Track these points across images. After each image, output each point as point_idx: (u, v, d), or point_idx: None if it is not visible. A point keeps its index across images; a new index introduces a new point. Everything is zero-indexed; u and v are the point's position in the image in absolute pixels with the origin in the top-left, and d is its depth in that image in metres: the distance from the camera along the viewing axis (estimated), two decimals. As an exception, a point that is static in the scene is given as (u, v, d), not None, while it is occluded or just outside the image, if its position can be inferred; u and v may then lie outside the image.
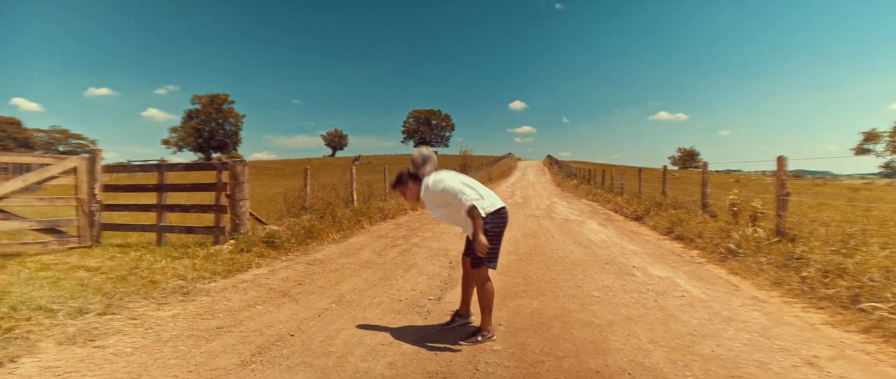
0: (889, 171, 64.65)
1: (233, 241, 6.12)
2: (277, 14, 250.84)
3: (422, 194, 3.19)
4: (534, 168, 51.05)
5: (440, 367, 2.83)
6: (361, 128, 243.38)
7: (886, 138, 65.47)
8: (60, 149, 62.66)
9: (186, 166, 7.11)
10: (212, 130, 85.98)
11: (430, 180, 3.13)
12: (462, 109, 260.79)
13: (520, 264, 5.66)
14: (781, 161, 6.09)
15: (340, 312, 3.83)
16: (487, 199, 3.10)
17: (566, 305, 4.03)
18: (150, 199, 6.89)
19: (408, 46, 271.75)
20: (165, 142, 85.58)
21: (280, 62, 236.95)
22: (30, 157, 7.05)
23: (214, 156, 79.99)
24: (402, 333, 3.37)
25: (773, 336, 3.29)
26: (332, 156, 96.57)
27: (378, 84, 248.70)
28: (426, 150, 3.26)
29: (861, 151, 66.88)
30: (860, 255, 4.55)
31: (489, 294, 3.17)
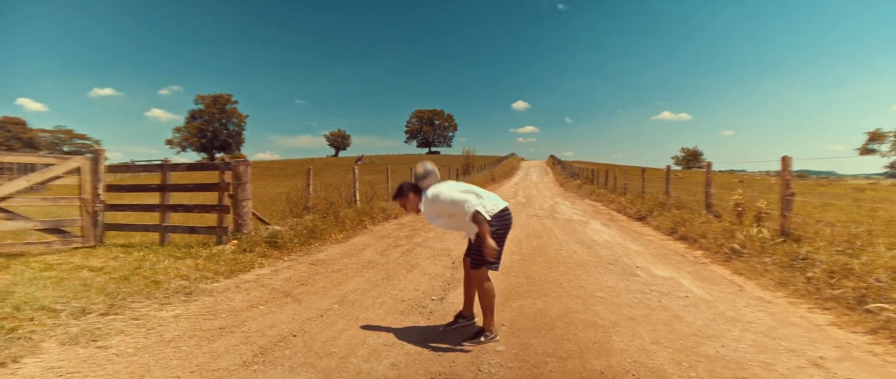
0: (894, 171, 64.23)
1: (235, 241, 6.12)
2: (281, 14, 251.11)
3: (422, 207, 3.23)
4: (537, 168, 51.03)
5: (443, 368, 2.82)
6: (364, 128, 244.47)
7: (891, 138, 65.01)
8: (65, 149, 62.97)
9: (189, 166, 7.12)
10: (215, 130, 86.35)
11: (430, 193, 3.17)
12: (465, 110, 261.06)
13: (523, 264, 5.64)
14: (786, 161, 6.06)
15: (343, 313, 3.83)
16: (489, 201, 3.13)
17: (569, 306, 4.01)
18: (154, 199, 6.91)
19: (411, 46, 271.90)
20: (169, 142, 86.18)
21: (283, 62, 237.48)
22: (33, 157, 7.07)
23: (218, 156, 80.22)
24: (405, 334, 3.36)
25: (779, 337, 3.27)
26: (336, 156, 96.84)
27: (381, 84, 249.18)
28: (430, 164, 3.31)
29: (866, 151, 66.48)
30: (866, 255, 4.51)
31: (489, 295, 3.16)
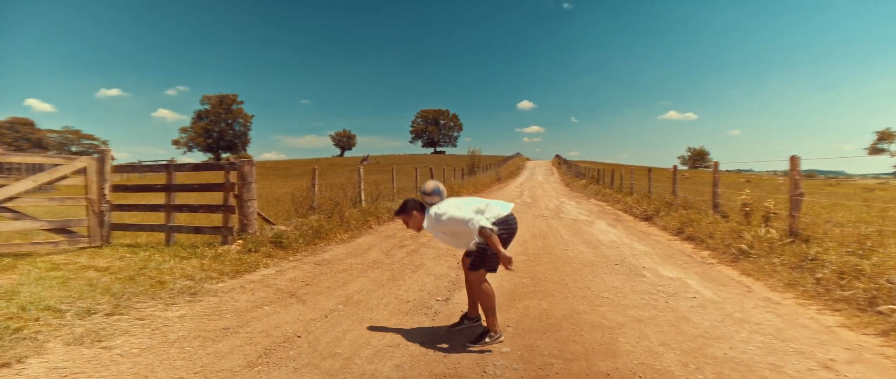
0: (904, 170, 63.46)
1: (241, 241, 6.13)
2: (286, 15, 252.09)
3: (425, 225, 3.25)
4: (542, 168, 50.91)
5: (448, 369, 2.80)
6: (370, 128, 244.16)
7: (901, 138, 64.31)
8: (73, 149, 63.40)
9: (194, 166, 7.14)
10: (221, 131, 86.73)
11: (433, 211, 3.18)
12: (470, 109, 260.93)
13: (528, 265, 5.61)
14: (795, 161, 6.00)
15: (348, 313, 3.82)
16: (491, 210, 3.15)
17: (575, 307, 3.98)
18: (160, 199, 6.93)
19: (415, 46, 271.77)
20: (175, 142, 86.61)
21: (289, 63, 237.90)
22: (40, 157, 7.12)
23: (224, 156, 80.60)
24: (410, 335, 3.35)
25: (788, 338, 3.23)
26: (341, 156, 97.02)
27: (386, 84, 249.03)
28: (441, 185, 3.33)
29: (875, 151, 65.70)
30: (877, 256, 4.45)
31: (488, 297, 3.15)
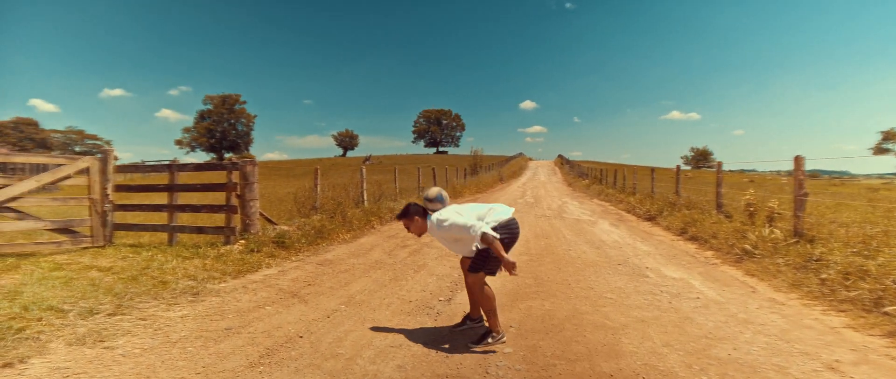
0: (909, 170, 63.11)
1: (243, 241, 6.13)
2: (288, 16, 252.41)
3: (429, 229, 3.26)
4: (545, 168, 50.86)
5: (450, 370, 2.79)
6: (372, 128, 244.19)
7: (906, 137, 64.00)
8: (77, 149, 63.64)
9: (197, 167, 7.14)
10: (224, 131, 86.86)
11: (435, 218, 3.19)
12: (472, 109, 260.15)
13: (531, 265, 5.60)
14: (799, 161, 5.96)
15: (350, 314, 3.81)
16: (492, 215, 3.15)
17: (578, 307, 3.97)
18: (162, 199, 6.94)
19: (417, 46, 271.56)
20: (178, 142, 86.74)
21: (290, 63, 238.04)
22: (43, 157, 7.13)
23: (227, 156, 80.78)
24: (412, 335, 3.34)
25: (793, 339, 3.20)
26: (343, 156, 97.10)
27: (388, 84, 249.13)
28: (444, 192, 3.34)
29: (880, 151, 65.45)
30: (883, 256, 4.42)
31: (488, 299, 3.15)
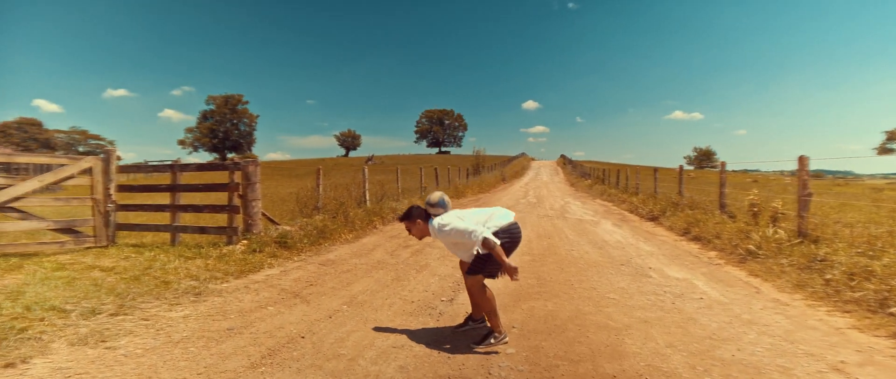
0: (913, 170, 62.82)
1: (245, 241, 6.13)
2: (291, 16, 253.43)
3: (430, 234, 3.26)
4: (547, 168, 50.82)
5: (452, 370, 2.78)
6: (374, 128, 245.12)
7: (911, 137, 63.65)
8: (80, 149, 63.80)
9: (199, 167, 7.15)
10: (226, 131, 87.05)
11: (437, 222, 3.18)
12: (475, 109, 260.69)
13: (533, 265, 5.58)
14: (803, 161, 5.93)
15: (352, 314, 3.80)
16: (493, 220, 3.16)
17: (581, 308, 3.95)
18: (165, 199, 6.95)
19: (418, 46, 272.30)
20: (181, 142, 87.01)
21: (292, 63, 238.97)
22: (46, 157, 7.15)
23: (229, 156, 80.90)
24: (414, 336, 3.33)
25: (797, 340, 3.18)
26: (346, 156, 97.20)
27: (391, 85, 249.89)
28: (446, 196, 3.34)
29: (884, 151, 65.13)
30: (888, 257, 4.39)
31: (489, 300, 3.14)
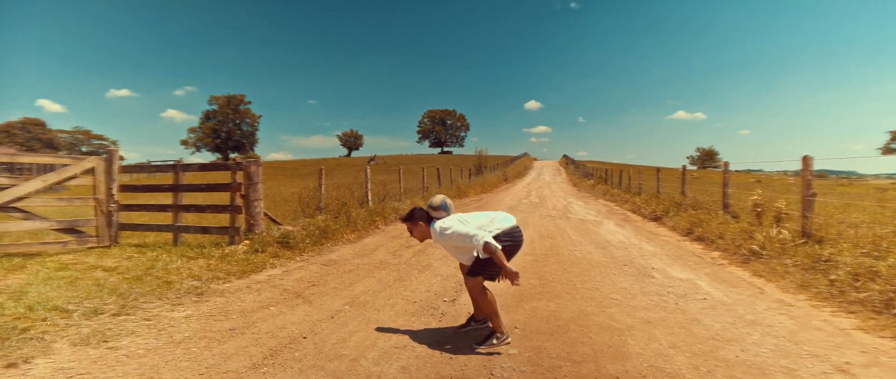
0: (919, 170, 62.43)
1: (248, 241, 6.13)
2: (293, 17, 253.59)
3: (432, 236, 3.26)
4: (550, 168, 50.78)
5: (454, 371, 2.77)
6: (377, 128, 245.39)
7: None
8: (83, 149, 63.97)
9: (201, 167, 7.15)
10: (229, 131, 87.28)
11: (438, 226, 3.18)
12: (477, 110, 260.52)
13: (536, 265, 5.57)
14: (807, 161, 5.91)
15: (354, 314, 3.80)
16: (495, 223, 3.16)
17: (584, 308, 3.94)
18: (167, 199, 6.95)
19: (418, 46, 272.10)
20: (184, 142, 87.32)
21: (293, 63, 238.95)
22: (49, 157, 7.17)
23: (232, 156, 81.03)
24: (416, 336, 3.32)
25: (801, 341, 3.16)
26: (348, 156, 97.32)
27: (393, 85, 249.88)
28: (448, 200, 3.33)
29: (888, 151, 64.92)
30: (893, 257, 4.36)
31: (489, 302, 3.13)
